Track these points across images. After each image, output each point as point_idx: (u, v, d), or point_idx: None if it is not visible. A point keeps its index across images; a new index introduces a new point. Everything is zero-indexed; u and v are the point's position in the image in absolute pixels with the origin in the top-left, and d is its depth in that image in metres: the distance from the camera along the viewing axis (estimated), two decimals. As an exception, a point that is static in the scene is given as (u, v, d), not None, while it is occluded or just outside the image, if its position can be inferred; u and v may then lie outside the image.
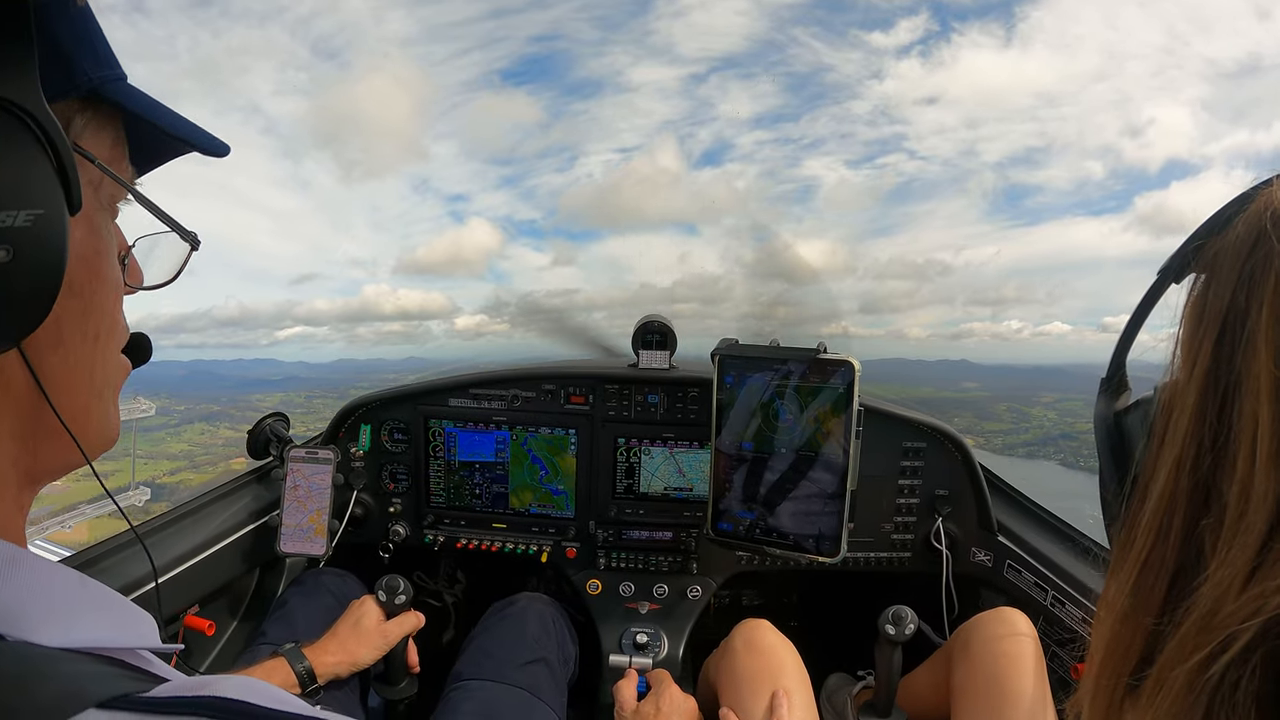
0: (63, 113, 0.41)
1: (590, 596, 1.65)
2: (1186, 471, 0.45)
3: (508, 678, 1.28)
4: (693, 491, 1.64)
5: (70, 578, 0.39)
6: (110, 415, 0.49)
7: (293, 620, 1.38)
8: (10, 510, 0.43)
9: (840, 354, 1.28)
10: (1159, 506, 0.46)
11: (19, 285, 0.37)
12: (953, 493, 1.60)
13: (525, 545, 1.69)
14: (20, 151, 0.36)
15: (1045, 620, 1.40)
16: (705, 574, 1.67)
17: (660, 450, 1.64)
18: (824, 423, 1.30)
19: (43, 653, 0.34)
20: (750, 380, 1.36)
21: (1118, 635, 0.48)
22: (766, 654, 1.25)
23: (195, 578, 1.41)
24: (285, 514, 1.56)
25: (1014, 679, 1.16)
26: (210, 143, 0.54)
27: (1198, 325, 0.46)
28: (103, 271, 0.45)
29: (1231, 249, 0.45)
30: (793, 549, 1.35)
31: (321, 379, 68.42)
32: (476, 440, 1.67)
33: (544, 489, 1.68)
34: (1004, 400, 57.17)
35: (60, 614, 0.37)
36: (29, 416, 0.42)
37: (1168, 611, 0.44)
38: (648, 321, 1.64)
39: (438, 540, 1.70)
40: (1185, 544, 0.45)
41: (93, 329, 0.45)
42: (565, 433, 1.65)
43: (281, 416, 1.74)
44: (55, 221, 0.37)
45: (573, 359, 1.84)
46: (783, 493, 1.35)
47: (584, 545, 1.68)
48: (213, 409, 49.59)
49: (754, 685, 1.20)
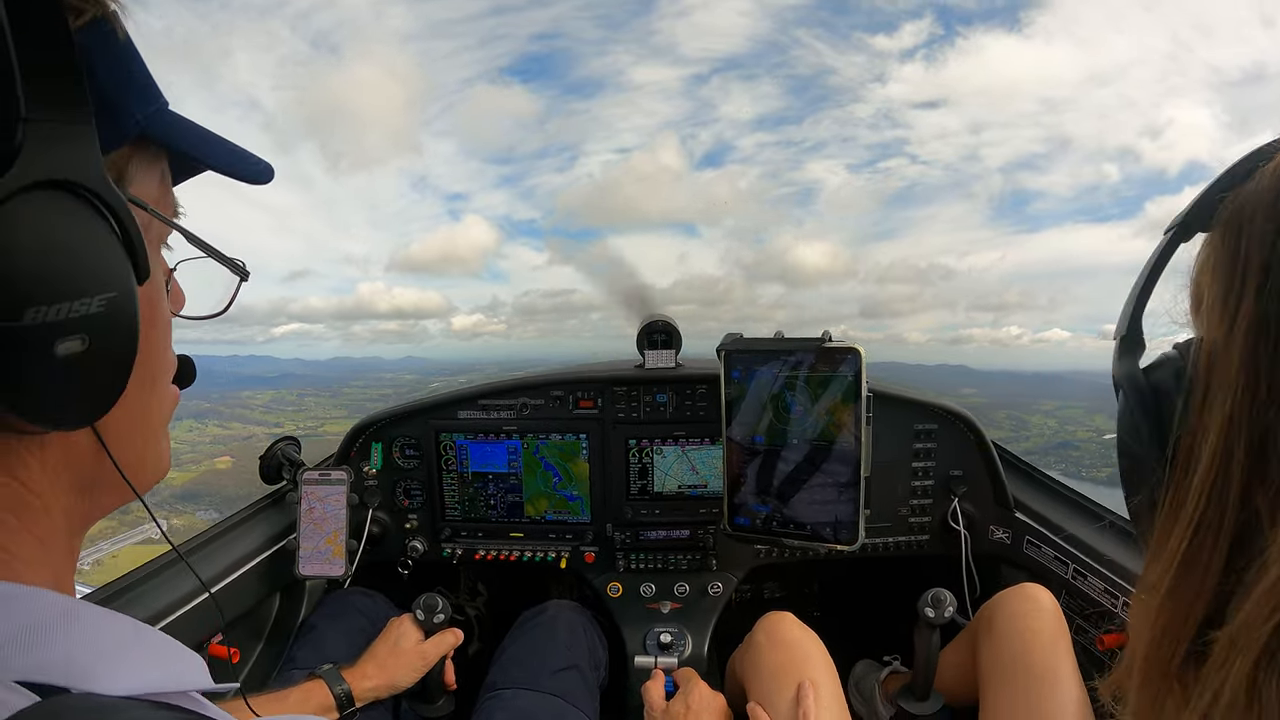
0: (116, 164, 0.40)
1: (611, 599, 1.66)
2: (1241, 429, 0.43)
3: (541, 685, 1.29)
4: (707, 488, 1.64)
5: (125, 625, 0.39)
6: (163, 451, 0.49)
7: (322, 643, 1.38)
8: (64, 561, 0.43)
9: (846, 342, 1.28)
10: (1211, 467, 0.44)
11: (97, 371, 0.36)
12: (967, 472, 1.60)
13: (544, 553, 1.69)
14: (88, 233, 0.34)
15: (1068, 594, 1.39)
16: (725, 569, 1.67)
17: (672, 449, 1.64)
18: (834, 411, 1.30)
19: (107, 703, 0.34)
20: (758, 374, 1.36)
21: (1173, 602, 0.46)
22: (791, 646, 1.25)
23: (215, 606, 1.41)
24: (302, 537, 1.56)
25: (1040, 655, 1.16)
26: (254, 170, 0.52)
27: (1231, 278, 0.44)
28: (157, 318, 0.45)
29: (1265, 201, 0.44)
30: (810, 539, 1.35)
31: (316, 377, 68.08)
32: (488, 451, 1.67)
33: (559, 495, 1.68)
34: (1003, 407, 56.62)
35: (119, 662, 0.37)
36: (88, 471, 0.42)
37: (1233, 572, 0.43)
38: (652, 321, 1.64)
39: (456, 553, 1.71)
40: (1244, 504, 0.43)
41: (150, 375, 0.45)
42: (576, 437, 1.65)
43: (293, 440, 1.75)
44: (127, 299, 0.36)
45: (579, 364, 1.84)
46: (797, 484, 1.35)
47: (602, 549, 1.68)
48: (204, 406, 49.32)
49: (780, 678, 1.20)
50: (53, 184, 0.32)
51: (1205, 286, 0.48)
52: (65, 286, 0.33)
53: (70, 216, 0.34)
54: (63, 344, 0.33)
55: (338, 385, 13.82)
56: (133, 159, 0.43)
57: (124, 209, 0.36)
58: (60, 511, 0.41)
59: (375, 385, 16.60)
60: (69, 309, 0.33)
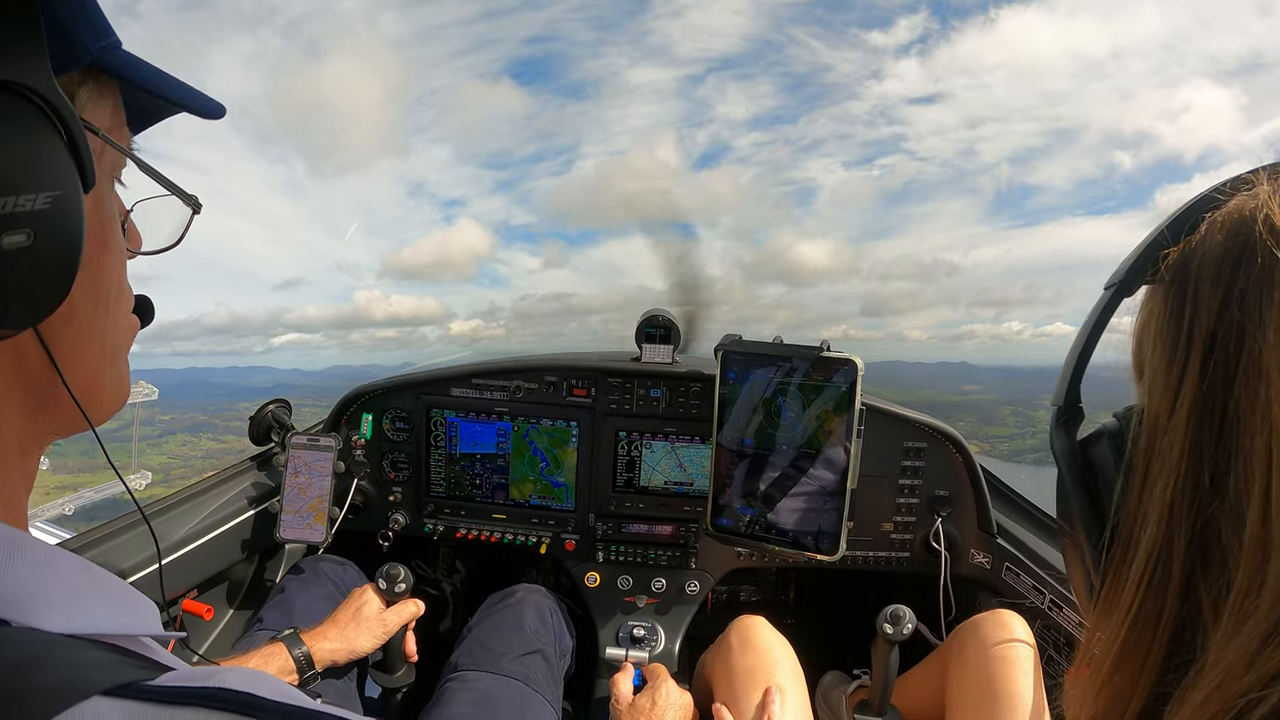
0: (66, 87, 0.41)
1: (588, 589, 1.66)
2: (1182, 519, 0.39)
3: (504, 669, 1.29)
4: (693, 486, 1.64)
5: (73, 563, 0.39)
6: (123, 376, 0.50)
7: (291, 607, 1.38)
8: (15, 486, 0.43)
9: (843, 353, 1.28)
10: (1149, 557, 0.41)
11: (41, 268, 0.37)
12: (952, 494, 1.60)
13: (525, 536, 1.69)
14: (35, 134, 0.36)
15: (1042, 624, 1.40)
16: (703, 569, 1.67)
17: (661, 444, 1.64)
18: (826, 421, 1.30)
19: (47, 639, 0.34)
20: (753, 376, 1.36)
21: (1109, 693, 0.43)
22: (761, 651, 1.25)
23: (194, 562, 1.41)
24: (286, 500, 1.56)
25: (1010, 682, 1.16)
26: (205, 105, 0.53)
27: (1175, 348, 0.41)
28: (109, 241, 0.46)
29: (1211, 260, 0.40)
30: (792, 546, 1.35)
31: (314, 386, 68.04)
32: (478, 431, 1.67)
33: (545, 481, 1.68)
34: (1007, 404, 56.40)
35: (64, 600, 0.37)
36: (41, 390, 0.42)
37: (1171, 670, 0.39)
38: (651, 316, 1.63)
39: (437, 530, 1.71)
40: (1184, 599, 0.40)
41: (103, 298, 0.46)
42: (567, 425, 1.65)
43: (284, 403, 1.75)
44: (72, 201, 0.38)
45: (576, 351, 1.84)
46: (783, 489, 1.35)
47: (583, 538, 1.68)
48: (199, 419, 49.56)
49: (748, 681, 1.21)
50: (2, 85, 0.35)
51: (1147, 350, 0.44)
52: (10, 181, 0.35)
53: (17, 117, 0.35)
54: (6, 237, 0.35)
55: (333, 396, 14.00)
56: (84, 84, 0.44)
57: (72, 116, 0.37)
58: (11, 434, 0.42)
59: (374, 394, 16.49)
60: (14, 203, 0.35)
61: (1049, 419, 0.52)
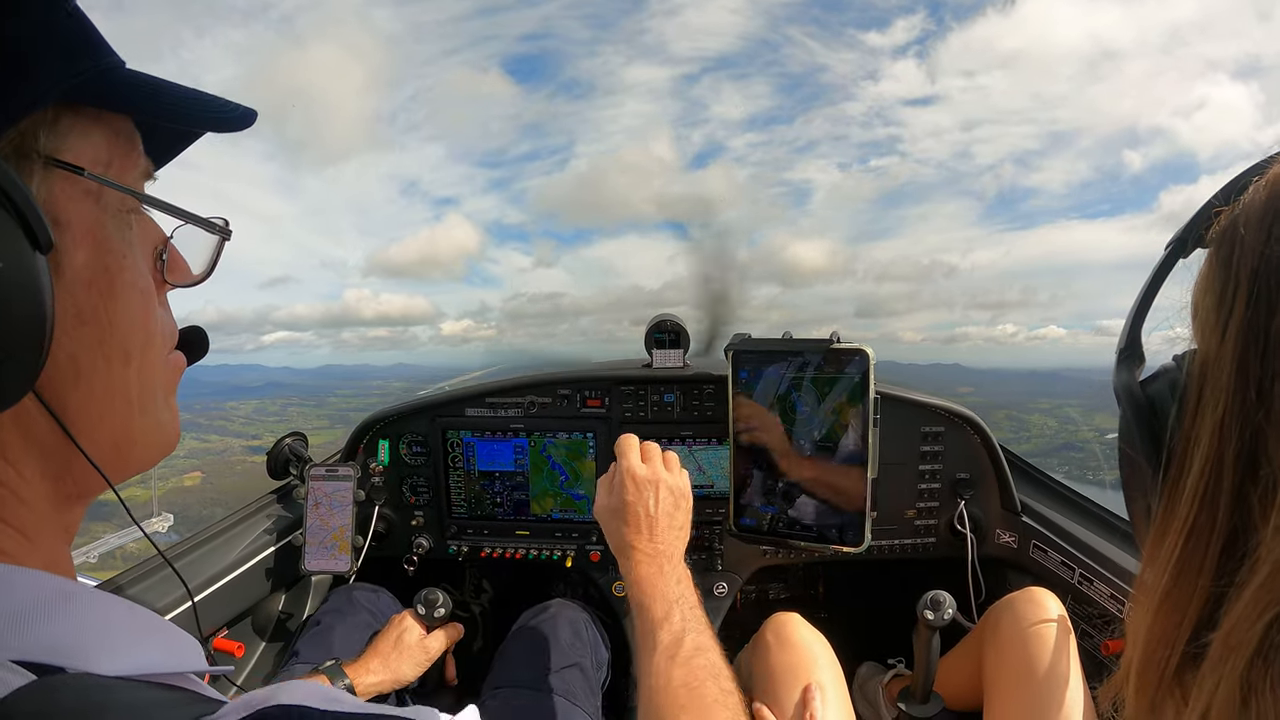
0: (29, 127, 0.38)
1: (617, 599, 1.65)
2: (1232, 434, 0.44)
3: (543, 684, 1.29)
4: (713, 488, 1.64)
5: (120, 607, 0.39)
6: (163, 424, 0.47)
7: (328, 638, 1.38)
8: (56, 541, 0.43)
9: (854, 343, 1.28)
10: (1203, 472, 0.45)
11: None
12: (974, 475, 1.60)
13: (549, 551, 1.69)
14: None
15: (1074, 598, 1.39)
16: (730, 570, 1.67)
17: (679, 449, 1.64)
18: (841, 413, 1.30)
19: (104, 682, 0.34)
20: (765, 374, 1.36)
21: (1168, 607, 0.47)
22: (798, 648, 1.25)
23: (221, 600, 1.42)
24: (308, 532, 1.57)
25: (1045, 660, 1.15)
26: (228, 115, 0.48)
27: (1224, 288, 0.46)
28: (117, 288, 0.42)
29: (1256, 212, 0.45)
30: (817, 541, 1.35)
31: (304, 385, 67.86)
32: (495, 449, 1.67)
33: (565, 494, 1.68)
34: (1001, 407, 56.20)
35: (115, 643, 0.37)
36: (59, 455, 0.41)
37: (1226, 574, 0.44)
38: (660, 321, 1.64)
39: (461, 551, 1.71)
40: (1235, 508, 0.44)
41: (118, 349, 0.42)
42: (583, 436, 1.65)
43: (300, 435, 1.76)
44: (22, 269, 0.34)
45: (586, 363, 1.84)
46: (803, 485, 1.35)
47: (608, 548, 1.68)
48: (184, 418, 49.93)
49: (787, 680, 1.20)
50: None
51: (1199, 300, 0.49)
52: None
53: None
54: None
55: (323, 395, 13.56)
56: (61, 119, 0.40)
57: (5, 177, 0.34)
58: (39, 498, 0.41)
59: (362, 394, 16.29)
60: None
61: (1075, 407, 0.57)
